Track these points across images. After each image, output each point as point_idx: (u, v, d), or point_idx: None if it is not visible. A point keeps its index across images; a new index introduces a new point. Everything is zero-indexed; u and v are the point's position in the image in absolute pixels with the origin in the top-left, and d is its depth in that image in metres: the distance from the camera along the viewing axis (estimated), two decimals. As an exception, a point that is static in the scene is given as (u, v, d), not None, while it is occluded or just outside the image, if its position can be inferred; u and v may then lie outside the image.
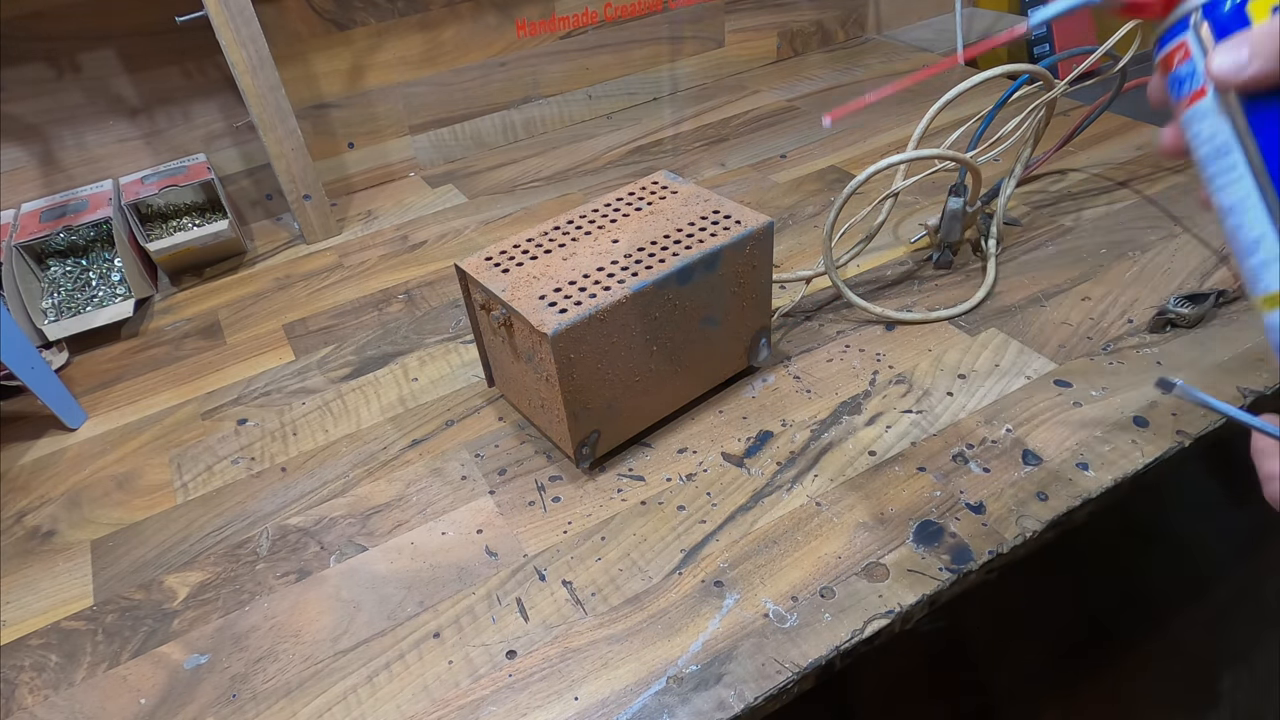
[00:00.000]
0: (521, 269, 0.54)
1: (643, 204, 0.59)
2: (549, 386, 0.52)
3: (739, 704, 0.43)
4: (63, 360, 0.74)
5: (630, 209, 0.59)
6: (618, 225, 0.57)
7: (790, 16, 1.16)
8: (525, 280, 0.53)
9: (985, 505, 0.51)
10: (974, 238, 0.75)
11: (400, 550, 0.53)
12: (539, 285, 0.52)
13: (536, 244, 0.56)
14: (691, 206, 0.58)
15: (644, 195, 0.60)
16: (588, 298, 0.51)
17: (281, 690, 0.46)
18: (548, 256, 0.55)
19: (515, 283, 0.53)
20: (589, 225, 0.58)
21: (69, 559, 0.55)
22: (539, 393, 0.54)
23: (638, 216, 0.58)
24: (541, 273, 0.53)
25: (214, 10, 0.72)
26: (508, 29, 0.97)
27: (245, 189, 0.92)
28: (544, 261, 0.54)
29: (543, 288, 0.52)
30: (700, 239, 0.55)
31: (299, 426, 0.64)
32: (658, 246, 0.54)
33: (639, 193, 0.61)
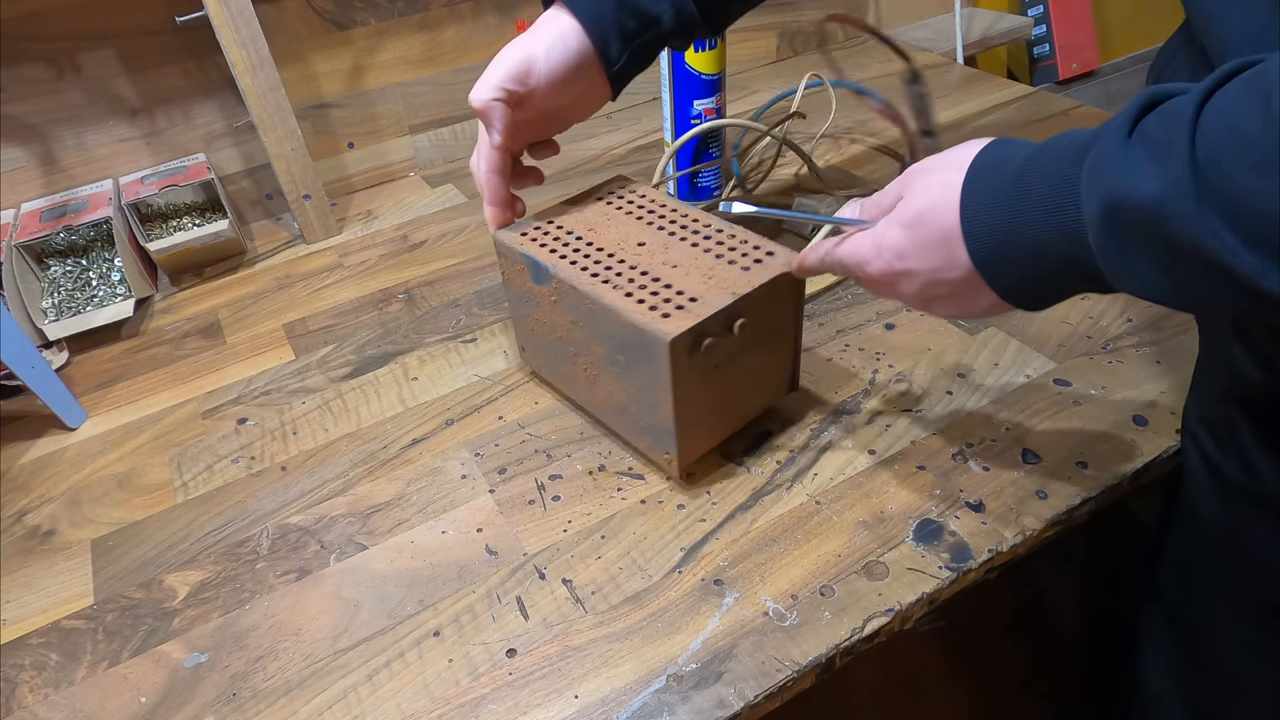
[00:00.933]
0: (563, 249, 0.54)
1: (714, 247, 0.54)
2: (655, 392, 0.50)
3: (739, 702, 0.43)
4: (63, 360, 0.74)
5: (701, 240, 0.54)
6: (663, 236, 0.54)
7: (790, 16, 1.16)
8: (570, 213, 0.56)
9: (985, 504, 0.51)
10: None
11: (400, 549, 0.53)
12: (560, 217, 0.56)
13: (567, 230, 0.56)
14: (712, 282, 0.51)
15: (737, 243, 0.54)
16: (543, 244, 0.54)
17: (282, 689, 0.46)
18: (583, 240, 0.55)
19: (567, 211, 0.56)
20: (672, 224, 0.56)
21: (69, 558, 0.55)
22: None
23: (679, 245, 0.54)
24: (589, 253, 0.54)
25: (214, 10, 0.72)
26: (508, 29, 0.97)
27: (245, 189, 0.92)
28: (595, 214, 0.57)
29: (556, 217, 0.56)
30: (631, 295, 0.50)
31: (299, 426, 0.64)
32: (633, 271, 0.52)
33: (739, 237, 0.54)
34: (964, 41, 1.20)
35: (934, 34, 1.26)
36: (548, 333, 0.57)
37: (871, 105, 0.55)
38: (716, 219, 0.56)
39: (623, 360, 0.51)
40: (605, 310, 0.50)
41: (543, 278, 0.54)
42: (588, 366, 0.55)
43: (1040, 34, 1.48)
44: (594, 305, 0.50)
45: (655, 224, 0.56)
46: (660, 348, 0.47)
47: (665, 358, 0.47)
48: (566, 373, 0.58)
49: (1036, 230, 0.35)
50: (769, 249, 0.52)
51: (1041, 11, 1.47)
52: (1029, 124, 0.94)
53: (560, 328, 0.55)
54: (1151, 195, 0.30)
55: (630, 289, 0.50)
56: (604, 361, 0.53)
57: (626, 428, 0.56)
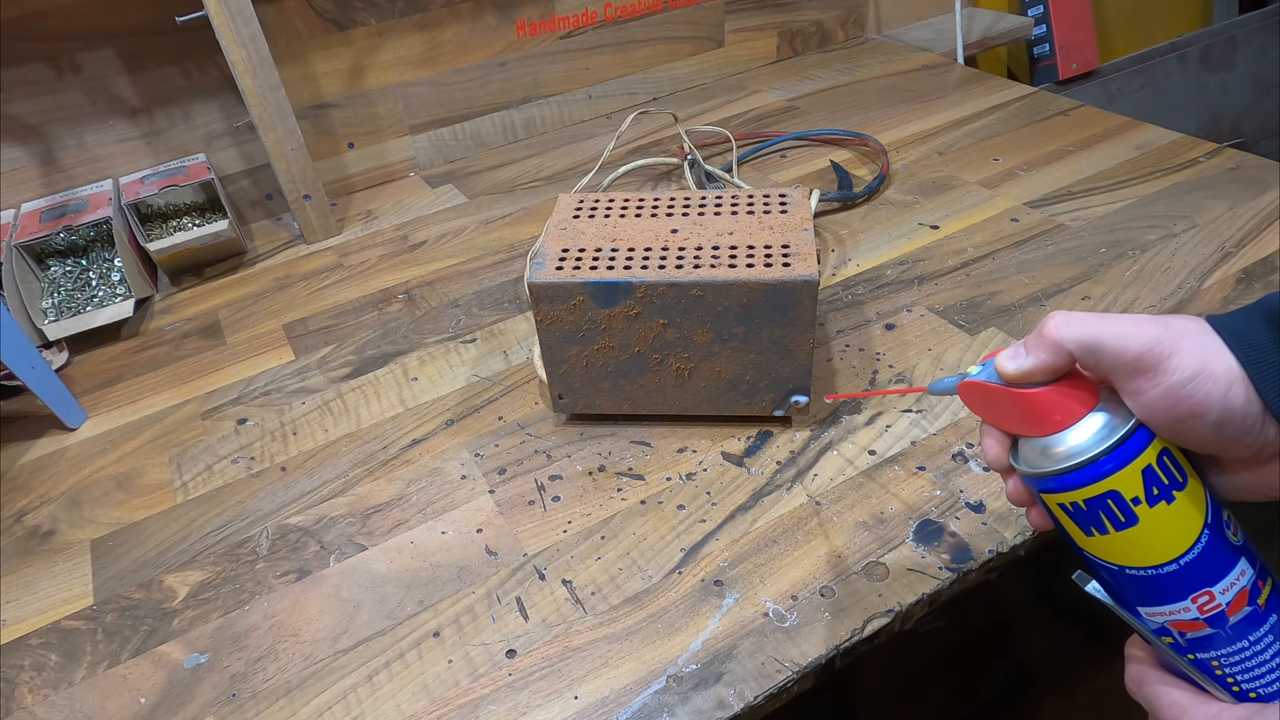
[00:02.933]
0: (592, 222, 0.56)
1: (744, 209, 0.58)
2: (791, 340, 0.54)
3: (739, 703, 0.43)
4: (63, 360, 0.74)
5: (725, 209, 0.58)
6: (694, 220, 0.57)
7: (790, 16, 1.16)
8: (573, 233, 0.56)
9: (985, 504, 0.51)
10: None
11: (400, 549, 0.53)
12: (577, 240, 0.55)
13: (622, 205, 0.59)
14: (778, 232, 0.55)
15: (756, 200, 0.59)
16: (590, 268, 0.53)
17: (281, 689, 0.46)
18: (622, 221, 0.57)
19: (569, 230, 0.56)
20: (675, 207, 0.59)
21: (69, 558, 0.55)
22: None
23: (725, 219, 0.57)
24: (590, 231, 0.56)
25: (214, 10, 0.72)
26: (508, 29, 0.97)
27: (245, 189, 0.92)
28: (612, 222, 0.57)
29: (576, 243, 0.55)
30: (736, 264, 0.52)
31: (299, 426, 0.64)
32: (696, 252, 0.54)
33: (757, 196, 0.59)
34: (964, 41, 1.20)
35: (934, 34, 1.26)
36: (615, 356, 0.56)
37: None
38: (708, 189, 0.59)
39: (742, 331, 0.53)
40: (722, 287, 0.51)
41: (617, 296, 0.52)
42: (680, 365, 0.55)
43: (1040, 34, 1.48)
44: (704, 289, 0.51)
45: (664, 213, 0.58)
46: (806, 290, 0.51)
47: (811, 299, 0.51)
48: (642, 388, 0.57)
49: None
50: (780, 192, 0.59)
51: (1041, 11, 1.47)
52: (1029, 124, 0.94)
53: (640, 341, 0.54)
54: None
55: (726, 261, 0.52)
56: (710, 346, 0.54)
57: (735, 402, 0.57)
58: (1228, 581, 0.32)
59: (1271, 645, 0.32)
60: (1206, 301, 0.64)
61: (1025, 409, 0.33)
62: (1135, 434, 0.31)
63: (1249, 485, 0.34)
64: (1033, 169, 0.85)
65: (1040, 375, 0.33)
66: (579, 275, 0.53)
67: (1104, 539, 0.32)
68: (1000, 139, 0.91)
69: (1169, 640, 0.33)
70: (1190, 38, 1.70)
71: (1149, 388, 0.31)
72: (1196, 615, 0.32)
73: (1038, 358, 0.33)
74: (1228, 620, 0.32)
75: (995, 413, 0.34)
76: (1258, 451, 0.31)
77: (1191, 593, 0.32)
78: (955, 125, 0.96)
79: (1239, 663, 0.32)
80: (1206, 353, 0.31)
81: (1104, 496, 0.31)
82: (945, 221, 0.78)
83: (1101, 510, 0.32)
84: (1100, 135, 0.90)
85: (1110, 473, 0.31)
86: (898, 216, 0.80)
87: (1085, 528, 0.33)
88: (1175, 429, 0.31)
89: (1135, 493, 0.31)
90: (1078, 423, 0.32)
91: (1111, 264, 0.70)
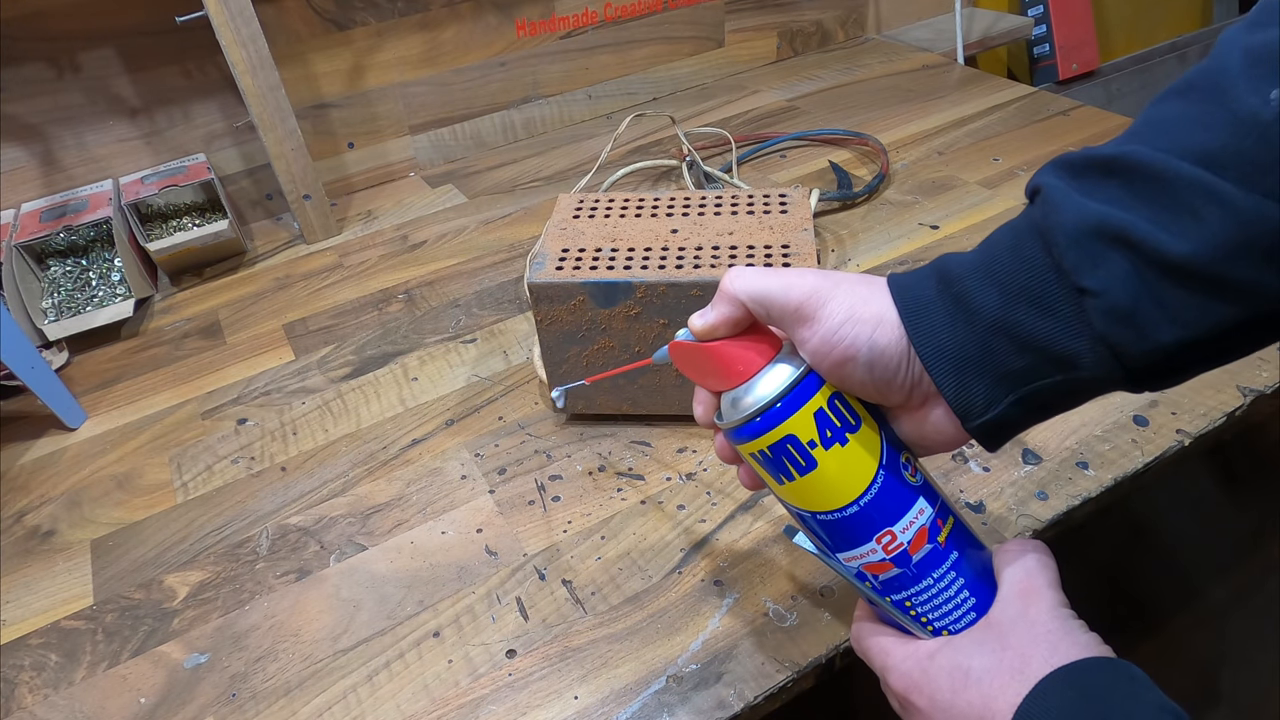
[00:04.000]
0: (592, 222, 0.56)
1: (744, 209, 0.59)
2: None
3: (739, 703, 0.43)
4: (63, 360, 0.74)
5: (724, 209, 0.59)
6: (694, 220, 0.58)
7: (790, 16, 1.16)
8: (576, 233, 0.55)
9: (985, 504, 0.51)
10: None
11: (400, 549, 0.53)
12: (577, 240, 0.55)
13: (622, 206, 0.59)
14: (774, 232, 0.56)
15: (756, 200, 0.60)
16: (590, 268, 0.52)
17: (281, 689, 0.46)
18: (622, 221, 0.57)
19: (569, 230, 0.55)
20: (675, 208, 0.59)
21: (69, 558, 0.55)
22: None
23: (725, 219, 0.57)
24: (593, 230, 0.56)
25: (214, 10, 0.72)
26: (508, 29, 0.97)
27: (245, 189, 0.92)
28: (612, 222, 0.57)
29: (588, 244, 0.54)
30: (733, 264, 0.53)
31: (299, 426, 0.64)
32: (696, 252, 0.54)
33: (756, 197, 0.60)
34: (964, 41, 1.20)
35: (934, 34, 1.26)
36: (616, 356, 0.56)
37: None
38: (707, 190, 0.59)
39: None
40: (713, 286, 0.51)
41: (617, 296, 0.53)
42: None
43: (1040, 34, 1.48)
44: (704, 289, 0.52)
45: (664, 212, 0.58)
46: None
47: None
48: (642, 388, 0.57)
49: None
50: (780, 192, 0.60)
51: (1041, 11, 1.47)
52: (1029, 124, 0.94)
53: (640, 341, 0.55)
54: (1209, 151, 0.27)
55: (726, 261, 0.53)
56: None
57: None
58: (906, 520, 0.34)
59: (955, 581, 0.34)
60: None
61: (714, 363, 0.36)
62: (805, 379, 0.34)
63: (917, 434, 0.35)
64: (1033, 169, 0.85)
65: (723, 329, 0.35)
66: (579, 275, 0.53)
67: (793, 485, 0.35)
68: (1000, 139, 0.91)
69: (869, 585, 0.36)
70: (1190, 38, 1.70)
71: (809, 335, 0.33)
72: (883, 556, 0.34)
73: (718, 311, 0.35)
74: (911, 559, 0.34)
75: (697, 371, 0.37)
76: (909, 394, 0.34)
77: (875, 533, 0.34)
78: (955, 125, 0.96)
79: (927, 600, 0.35)
80: (857, 299, 0.33)
81: (784, 441, 0.34)
82: (945, 221, 0.78)
83: (785, 456, 0.34)
84: (1100, 135, 0.90)
85: (784, 417, 0.34)
86: (898, 216, 0.80)
87: (776, 475, 0.35)
88: (837, 373, 0.34)
89: (810, 436, 0.33)
90: (759, 373, 0.35)
91: (1111, 264, 0.70)
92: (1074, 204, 0.30)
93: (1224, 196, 0.27)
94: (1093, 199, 0.30)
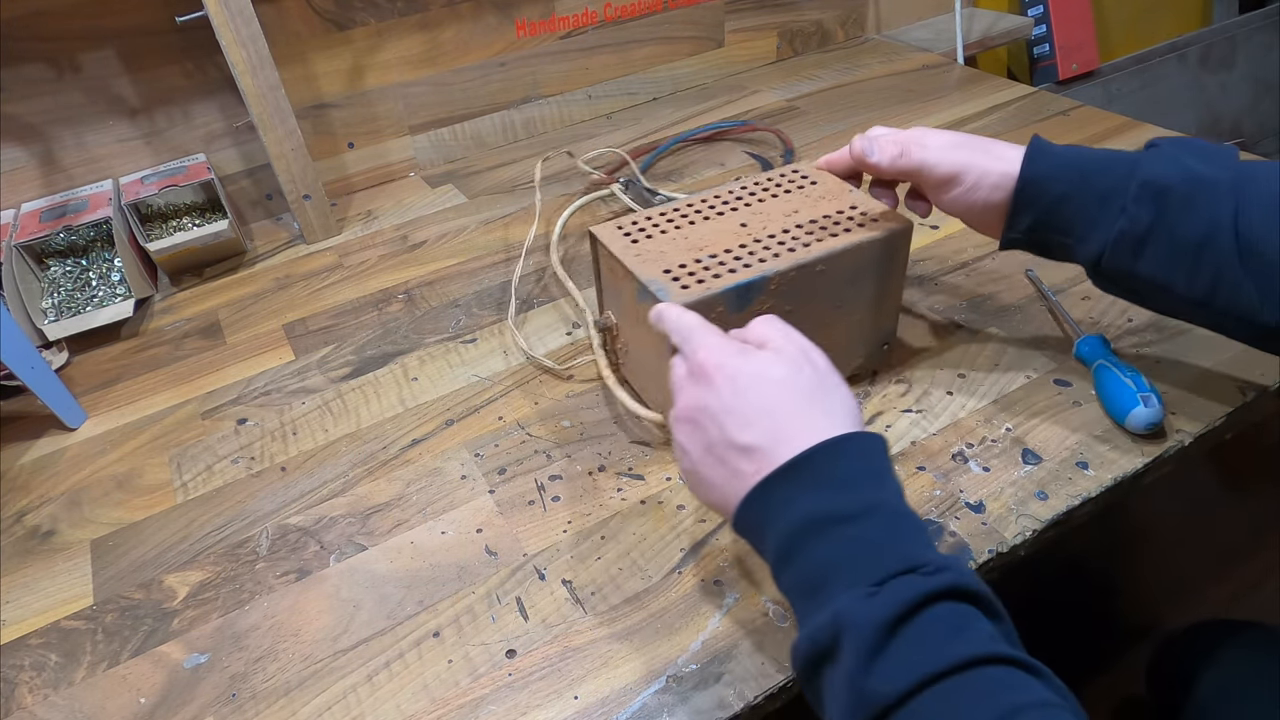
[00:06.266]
0: (651, 242, 0.55)
1: (780, 190, 0.60)
2: (887, 286, 0.56)
3: (739, 703, 0.43)
4: (63, 360, 0.74)
5: (767, 195, 0.60)
6: (750, 210, 0.58)
7: (790, 16, 1.16)
8: (655, 254, 0.54)
9: (985, 504, 0.51)
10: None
11: (400, 550, 0.53)
12: (669, 259, 0.53)
13: (668, 219, 0.58)
14: (829, 201, 0.58)
15: (781, 183, 0.61)
16: (711, 277, 0.52)
17: (281, 689, 0.46)
18: (678, 234, 0.56)
19: (644, 254, 0.54)
20: (720, 206, 0.59)
21: (69, 558, 0.55)
22: (658, 362, 0.54)
23: (771, 204, 0.59)
24: (669, 249, 0.55)
25: (214, 10, 0.72)
26: (507, 29, 0.97)
27: (245, 189, 0.92)
28: (672, 238, 0.56)
29: (674, 261, 0.53)
30: (835, 233, 0.55)
31: (299, 426, 0.64)
32: (787, 236, 0.55)
33: (777, 179, 0.61)
34: (964, 41, 1.20)
35: (934, 34, 1.26)
36: None
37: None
38: (742, 179, 0.61)
39: (851, 291, 0.56)
40: (839, 256, 0.54)
41: (751, 295, 0.52)
42: None
43: (1040, 34, 1.48)
44: (826, 263, 0.53)
45: (712, 213, 0.58)
46: (904, 238, 0.56)
47: (906, 245, 0.56)
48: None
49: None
50: (779, 172, 0.62)
51: (1041, 11, 1.47)
52: (1029, 124, 0.94)
53: None
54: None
55: (817, 235, 0.55)
56: (824, 318, 0.56)
57: (838, 364, 0.56)
58: None
59: None
60: (1206, 301, 0.64)
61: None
62: None
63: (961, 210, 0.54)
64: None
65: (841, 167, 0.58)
66: (707, 287, 0.51)
67: None
68: (1000, 139, 0.91)
69: None
70: (1190, 38, 1.70)
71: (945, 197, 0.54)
72: None
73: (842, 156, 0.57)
74: None
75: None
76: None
77: None
78: (955, 125, 0.96)
79: None
80: (983, 174, 0.53)
81: None
82: (945, 221, 0.78)
83: None
84: (1100, 135, 0.90)
85: None
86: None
87: None
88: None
89: None
90: None
91: (1111, 264, 0.70)
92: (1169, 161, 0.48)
93: None
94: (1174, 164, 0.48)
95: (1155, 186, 0.46)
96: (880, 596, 0.33)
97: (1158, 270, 0.47)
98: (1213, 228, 0.45)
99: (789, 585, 0.37)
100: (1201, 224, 0.45)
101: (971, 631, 0.32)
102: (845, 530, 0.35)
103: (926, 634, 0.32)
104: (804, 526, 0.36)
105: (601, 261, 0.59)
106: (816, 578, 0.35)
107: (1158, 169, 0.47)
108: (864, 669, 0.31)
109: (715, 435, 0.39)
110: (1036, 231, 0.51)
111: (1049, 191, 0.50)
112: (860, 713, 0.31)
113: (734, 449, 0.38)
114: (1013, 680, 0.31)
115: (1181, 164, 0.47)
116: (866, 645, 0.32)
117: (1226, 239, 0.45)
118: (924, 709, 0.30)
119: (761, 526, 0.38)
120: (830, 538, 0.35)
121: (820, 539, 0.35)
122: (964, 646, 0.31)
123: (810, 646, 0.34)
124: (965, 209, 0.53)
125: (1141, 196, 0.47)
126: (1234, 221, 0.45)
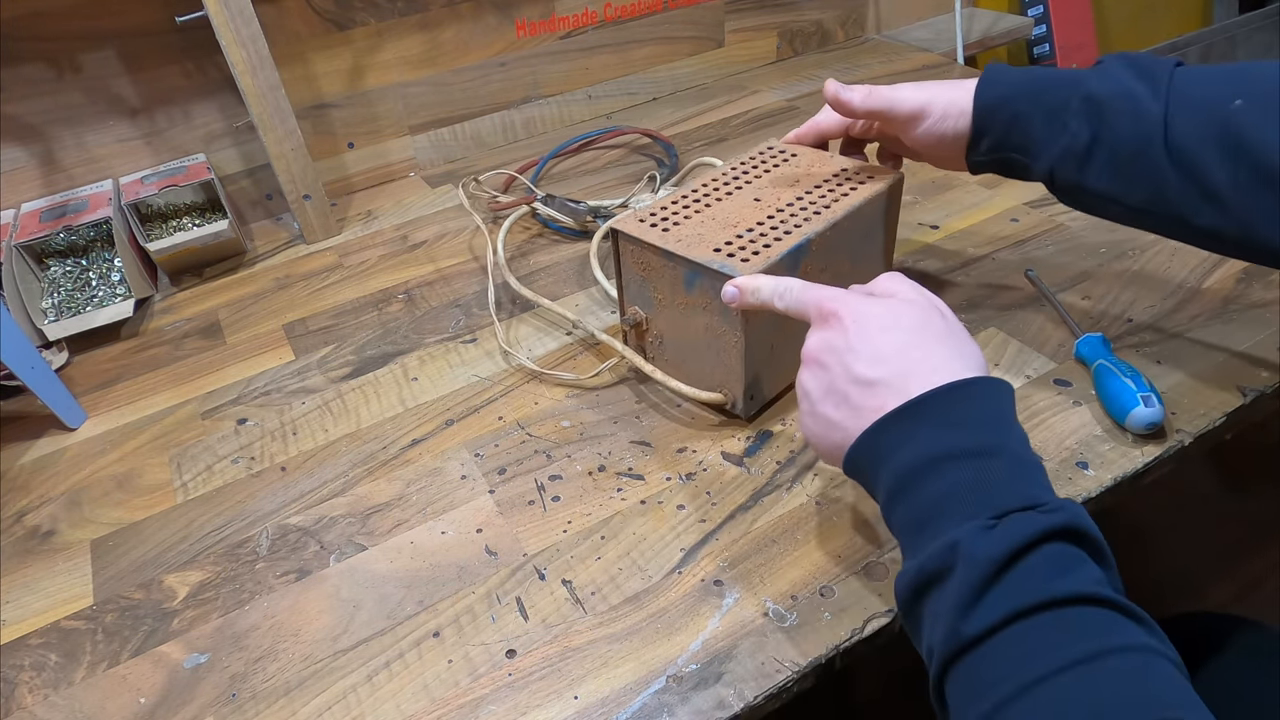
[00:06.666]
0: (680, 229, 0.56)
1: (771, 167, 0.63)
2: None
3: (739, 703, 0.43)
4: (63, 360, 0.74)
5: (761, 172, 0.62)
6: (753, 187, 0.60)
7: (790, 16, 1.16)
8: (691, 238, 0.55)
9: (985, 504, 0.51)
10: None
11: (400, 550, 0.53)
12: (708, 240, 0.55)
13: (683, 205, 0.59)
14: (819, 166, 0.62)
15: (765, 163, 0.64)
16: (763, 247, 0.53)
17: (281, 689, 0.46)
18: (698, 217, 0.57)
19: (682, 239, 0.55)
20: (723, 190, 0.60)
21: (69, 558, 0.55)
22: (709, 345, 0.56)
23: (768, 179, 0.61)
24: (703, 230, 0.56)
25: (214, 10, 0.72)
26: (507, 29, 0.97)
27: (245, 189, 0.92)
28: (698, 221, 0.57)
29: (715, 241, 0.54)
30: (844, 192, 0.59)
31: (299, 426, 0.64)
32: (802, 203, 0.58)
33: (758, 160, 0.64)
34: (964, 41, 1.20)
35: (934, 34, 1.26)
36: (798, 330, 0.48)
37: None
38: (745, 158, 0.64)
39: (864, 245, 0.61)
40: (857, 211, 0.57)
41: (799, 258, 0.55)
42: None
43: (1040, 34, 1.48)
44: (850, 219, 0.57)
45: (723, 194, 0.60)
46: (900, 182, 0.61)
47: (899, 193, 0.62)
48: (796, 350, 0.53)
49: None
50: (759, 151, 0.65)
51: (1041, 11, 1.47)
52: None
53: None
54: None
55: (830, 198, 0.58)
56: (845, 271, 0.59)
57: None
58: None
59: None
60: (1206, 301, 0.64)
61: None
62: None
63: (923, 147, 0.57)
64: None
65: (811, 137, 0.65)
66: (766, 256, 0.53)
67: None
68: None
69: None
70: (1190, 38, 1.70)
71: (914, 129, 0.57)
72: None
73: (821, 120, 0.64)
74: None
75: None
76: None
77: None
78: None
79: None
80: (948, 104, 0.55)
81: None
82: (945, 221, 0.78)
83: None
84: (1100, 135, 0.90)
85: None
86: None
87: None
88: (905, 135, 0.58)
89: None
90: None
91: (1111, 264, 0.70)
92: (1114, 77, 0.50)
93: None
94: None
95: (1094, 100, 0.49)
96: (998, 530, 0.33)
97: (1103, 182, 0.50)
98: (1146, 138, 0.47)
99: (899, 521, 0.38)
100: (1137, 135, 0.48)
101: (1079, 572, 0.33)
102: (965, 466, 0.36)
103: (1037, 570, 0.33)
104: (924, 462, 0.37)
105: (627, 257, 0.59)
106: (932, 510, 0.36)
107: (1096, 85, 0.49)
108: (973, 599, 0.32)
109: (839, 373, 0.41)
110: (998, 152, 0.54)
111: (1005, 111, 0.52)
112: (955, 641, 0.32)
113: (859, 384, 0.40)
114: (1112, 622, 0.32)
115: (1118, 78, 0.49)
116: (980, 575, 0.33)
117: (1158, 148, 0.47)
118: (1020, 637, 0.31)
119: (876, 463, 0.38)
120: (948, 474, 0.36)
121: (938, 475, 0.36)
122: (1069, 584, 0.32)
123: (919, 573, 0.35)
124: (937, 140, 0.55)
125: (1082, 111, 0.49)
126: (1164, 130, 0.47)
